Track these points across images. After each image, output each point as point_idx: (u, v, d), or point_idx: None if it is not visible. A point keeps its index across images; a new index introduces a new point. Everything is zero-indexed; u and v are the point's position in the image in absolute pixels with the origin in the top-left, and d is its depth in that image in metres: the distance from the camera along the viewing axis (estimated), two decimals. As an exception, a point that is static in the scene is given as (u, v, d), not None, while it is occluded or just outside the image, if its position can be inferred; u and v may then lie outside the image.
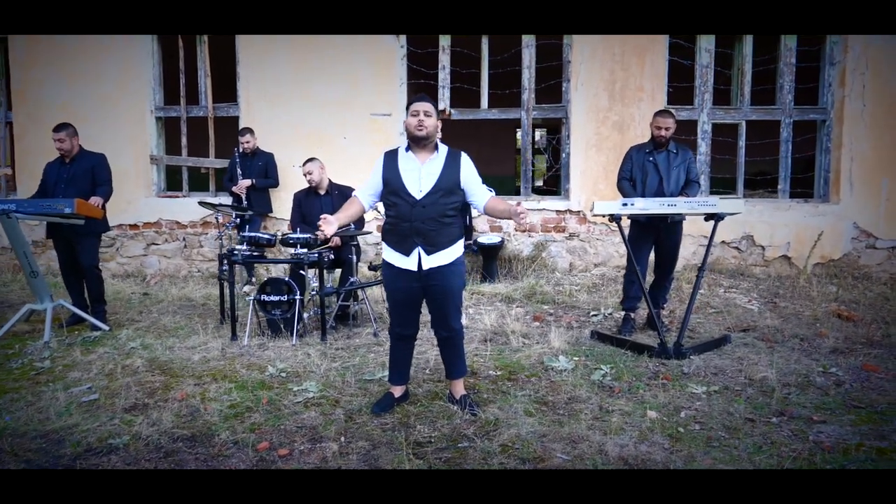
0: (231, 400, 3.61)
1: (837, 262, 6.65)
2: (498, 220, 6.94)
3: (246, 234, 4.80)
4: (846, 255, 6.65)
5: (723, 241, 6.77)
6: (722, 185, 7.56)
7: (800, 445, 3.03)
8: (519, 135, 13.81)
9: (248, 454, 2.99)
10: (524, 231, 6.78)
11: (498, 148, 11.99)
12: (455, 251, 3.32)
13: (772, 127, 6.99)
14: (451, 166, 3.27)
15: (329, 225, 3.13)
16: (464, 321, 5.21)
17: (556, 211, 6.85)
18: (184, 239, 7.20)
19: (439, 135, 3.34)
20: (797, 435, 3.14)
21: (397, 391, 3.54)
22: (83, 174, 5.18)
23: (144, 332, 5.05)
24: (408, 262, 3.27)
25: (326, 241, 5.11)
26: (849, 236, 6.63)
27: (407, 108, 3.33)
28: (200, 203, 5.05)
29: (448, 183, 3.24)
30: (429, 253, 3.24)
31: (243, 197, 6.55)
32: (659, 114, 4.85)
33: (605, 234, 6.84)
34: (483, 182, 3.41)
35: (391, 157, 3.34)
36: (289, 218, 6.93)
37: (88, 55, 7.04)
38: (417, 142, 3.25)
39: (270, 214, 6.91)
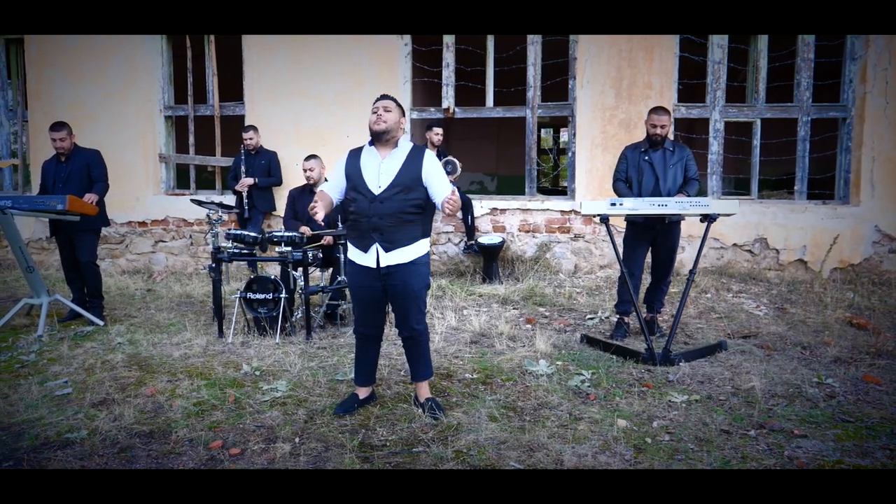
0: (198, 397, 3.60)
1: (857, 266, 6.33)
2: (501, 220, 6.82)
3: (231, 231, 4.80)
4: (866, 259, 6.32)
5: (734, 244, 6.52)
6: (736, 186, 7.28)
7: (772, 461, 2.85)
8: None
9: (199, 452, 2.96)
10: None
11: (510, 147, 11.87)
12: (416, 250, 3.24)
13: (790, 125, 6.70)
14: (412, 162, 3.21)
15: (319, 211, 3.12)
16: (453, 322, 5.13)
17: (561, 211, 6.70)
18: (190, 236, 7.28)
19: (407, 133, 3.27)
20: (773, 449, 2.96)
21: (362, 392, 3.48)
22: (79, 171, 5.26)
23: (136, 328, 5.11)
24: (366, 259, 3.22)
25: (318, 239, 5.10)
26: (870, 240, 6.30)
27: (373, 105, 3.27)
28: (192, 200, 5.08)
29: (407, 179, 3.18)
30: (387, 250, 3.18)
31: (244, 195, 6.58)
32: (654, 111, 4.68)
33: (610, 235, 6.64)
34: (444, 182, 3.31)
35: (354, 154, 3.32)
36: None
37: (99, 54, 7.19)
38: (378, 137, 3.20)
39: (274, 212, 6.93)
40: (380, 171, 3.18)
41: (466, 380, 3.89)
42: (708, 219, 4.28)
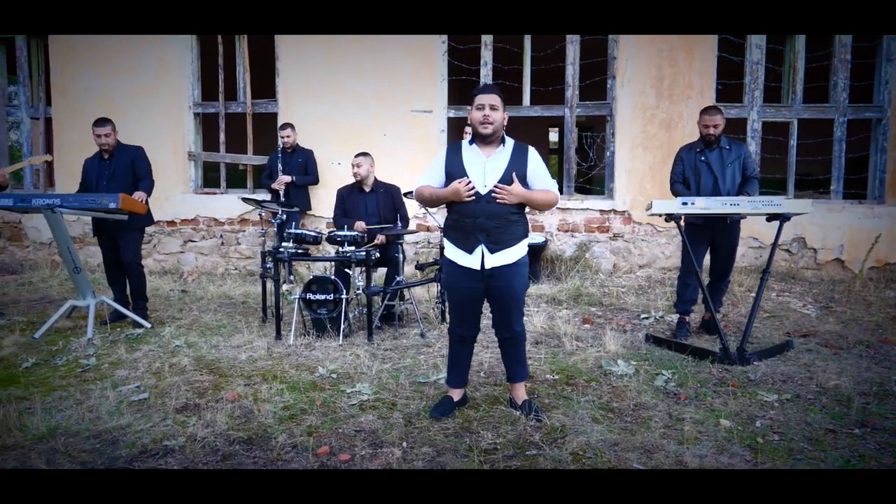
0: (284, 401, 3.50)
1: (893, 266, 6.40)
2: (540, 220, 6.79)
3: (292, 231, 4.69)
4: (903, 258, 6.40)
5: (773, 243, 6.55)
6: (771, 186, 7.32)
7: (890, 460, 2.84)
8: (552, 134, 13.64)
9: (307, 459, 2.87)
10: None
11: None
12: (519, 250, 3.18)
13: (820, 125, 6.76)
14: (518, 160, 3.14)
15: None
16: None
17: (601, 211, 6.68)
18: (221, 236, 7.14)
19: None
20: (885, 448, 2.95)
21: (456, 394, 3.41)
22: (124, 169, 5.12)
23: (187, 329, 4.98)
24: (470, 261, 3.14)
25: (371, 239, 5.01)
26: (906, 239, 6.38)
27: (471, 99, 3.18)
28: (244, 199, 4.96)
29: (514, 177, 3.11)
30: (492, 251, 3.10)
31: (281, 193, 6.46)
32: (705, 111, 4.68)
33: (650, 234, 6.65)
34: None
35: (454, 150, 3.22)
36: (327, 215, 6.87)
37: (127, 50, 7.01)
38: (483, 138, 3.11)
39: (309, 212, 6.82)
40: (485, 170, 3.10)
41: (549, 381, 3.84)
42: (781, 218, 4.27)
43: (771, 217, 4.47)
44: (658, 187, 6.47)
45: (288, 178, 6.39)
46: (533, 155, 3.19)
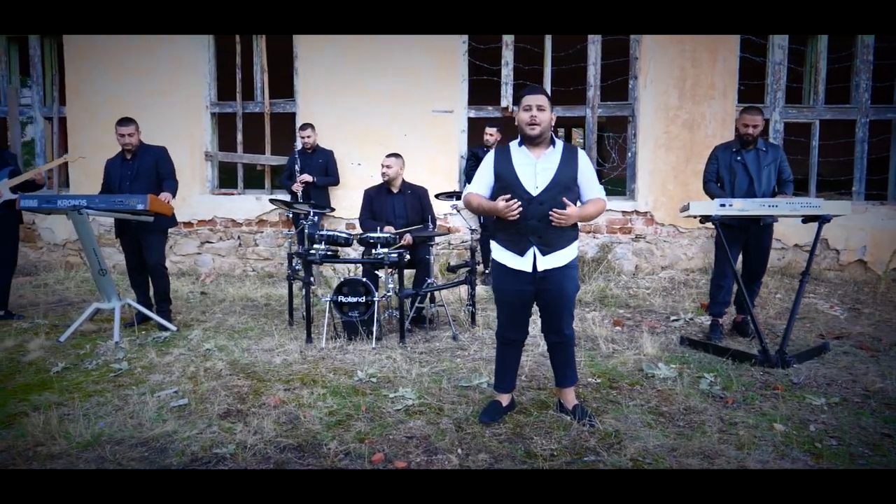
0: (328, 406, 3.44)
1: (916, 267, 6.40)
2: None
3: (323, 232, 4.63)
4: (925, 260, 6.39)
5: (795, 245, 6.54)
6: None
7: (955, 464, 2.81)
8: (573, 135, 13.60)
9: (362, 466, 2.82)
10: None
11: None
12: (570, 252, 3.15)
13: (839, 126, 6.75)
14: (569, 162, 3.10)
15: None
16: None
17: (623, 212, 6.64)
18: (238, 237, 7.06)
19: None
20: (946, 452, 2.92)
21: (504, 399, 3.36)
22: (147, 169, 5.05)
23: (214, 332, 4.91)
24: (522, 263, 3.10)
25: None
26: (928, 241, 6.37)
27: (517, 101, 3.14)
28: (271, 201, 4.89)
29: (565, 179, 3.07)
30: (544, 254, 3.07)
31: (299, 194, 6.39)
32: (746, 110, 4.64)
33: (672, 235, 6.62)
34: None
35: (503, 153, 3.18)
36: (346, 216, 6.81)
37: (142, 49, 6.92)
38: (531, 140, 3.07)
39: (329, 213, 6.74)
40: (536, 172, 3.06)
41: (592, 384, 3.80)
42: (820, 220, 4.25)
43: (807, 219, 4.45)
44: (680, 188, 6.45)
45: (309, 178, 6.31)
46: (583, 157, 3.16)
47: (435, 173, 6.60)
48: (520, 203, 3.00)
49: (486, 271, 6.05)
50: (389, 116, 6.74)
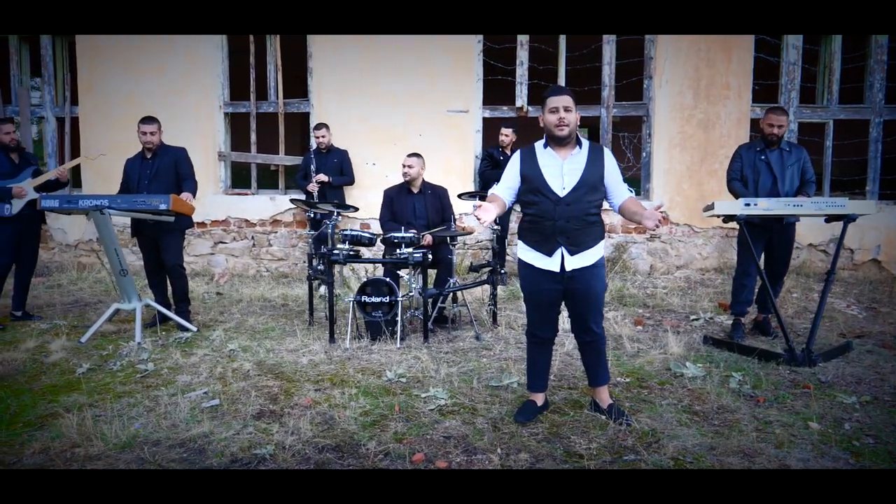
0: (360, 407, 3.43)
1: (930, 266, 6.43)
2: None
3: (348, 232, 4.62)
4: (939, 259, 6.42)
5: (810, 244, 6.56)
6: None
7: None
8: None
9: (403, 466, 2.81)
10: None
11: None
12: (598, 251, 3.15)
13: (850, 126, 6.77)
14: (595, 162, 3.09)
15: (486, 212, 2.93)
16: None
17: (637, 211, 6.65)
18: (252, 237, 7.04)
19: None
20: (985, 451, 2.93)
21: (539, 399, 3.35)
22: (166, 169, 5.03)
23: (235, 333, 4.89)
24: (549, 263, 3.09)
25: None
26: (941, 240, 6.40)
27: (542, 102, 3.13)
28: (292, 201, 4.88)
29: (592, 179, 3.06)
30: (572, 253, 3.07)
31: (316, 194, 6.37)
32: (772, 110, 4.64)
33: (687, 235, 6.64)
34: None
35: (529, 154, 3.16)
36: (360, 216, 6.79)
37: (155, 48, 6.90)
38: (559, 140, 3.06)
39: (344, 213, 6.73)
40: (563, 172, 3.06)
41: (622, 384, 3.80)
42: (845, 219, 4.26)
43: (830, 218, 4.46)
44: (696, 188, 6.46)
45: (325, 178, 6.30)
46: (609, 156, 3.16)
47: (450, 173, 6.59)
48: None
49: (503, 271, 6.04)
50: (404, 116, 6.73)
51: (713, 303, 5.72)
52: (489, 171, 6.48)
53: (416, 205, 5.11)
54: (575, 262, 3.08)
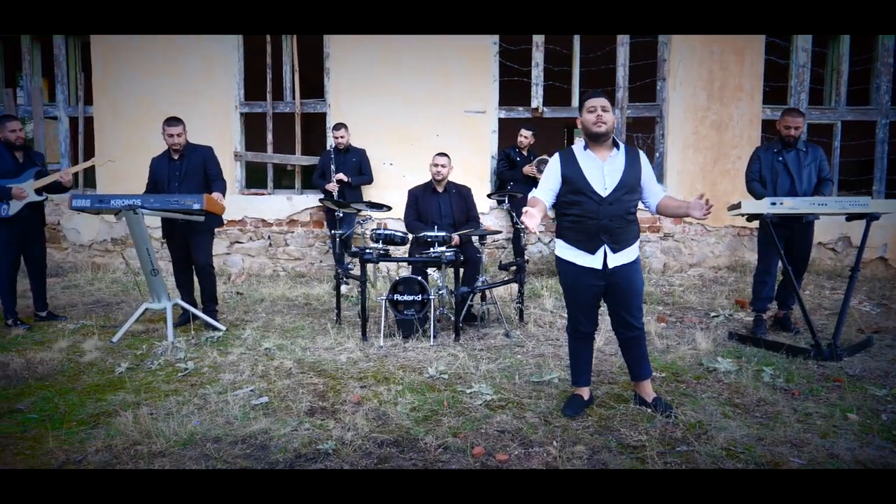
0: (409, 402, 3.49)
1: (935, 263, 6.61)
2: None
3: (381, 231, 4.67)
4: (943, 256, 6.60)
5: (819, 243, 6.71)
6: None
7: None
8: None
9: (466, 459, 2.87)
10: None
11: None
12: (636, 249, 3.29)
13: (855, 127, 6.93)
14: (633, 164, 3.23)
15: (532, 218, 3.01)
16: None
17: (651, 211, 6.76)
18: (269, 237, 7.05)
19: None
20: None
21: (585, 393, 3.44)
22: (196, 169, 5.05)
23: (265, 332, 4.92)
24: (592, 261, 3.20)
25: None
26: (946, 238, 6.58)
27: (580, 106, 3.24)
28: (321, 201, 4.92)
29: (631, 180, 3.20)
30: (615, 251, 3.18)
31: (335, 193, 6.41)
32: (788, 112, 4.76)
33: (700, 234, 6.76)
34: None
35: (568, 155, 3.27)
36: (379, 216, 6.83)
37: (170, 48, 6.89)
38: (597, 138, 3.17)
39: (363, 212, 6.77)
40: (604, 173, 3.17)
41: (658, 379, 3.89)
42: (868, 218, 4.38)
43: (851, 217, 4.59)
44: (709, 188, 6.58)
45: (344, 177, 6.33)
46: (644, 159, 3.30)
47: (467, 173, 6.66)
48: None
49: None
50: (420, 116, 6.79)
51: (730, 300, 5.84)
52: (506, 171, 6.56)
53: (441, 204, 5.18)
54: (617, 259, 3.19)
